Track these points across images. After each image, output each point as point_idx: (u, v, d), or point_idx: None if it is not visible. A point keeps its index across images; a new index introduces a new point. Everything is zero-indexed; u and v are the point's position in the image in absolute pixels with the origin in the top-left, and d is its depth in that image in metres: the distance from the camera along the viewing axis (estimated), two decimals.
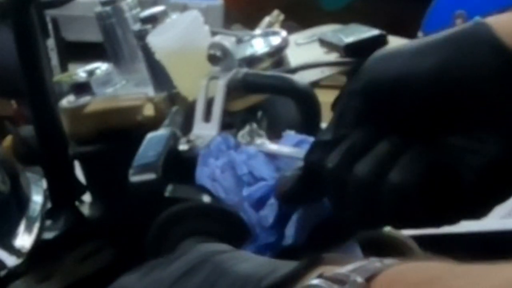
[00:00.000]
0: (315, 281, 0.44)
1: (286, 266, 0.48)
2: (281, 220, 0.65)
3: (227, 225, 0.65)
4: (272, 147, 0.71)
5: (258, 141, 0.73)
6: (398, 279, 0.43)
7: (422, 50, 0.55)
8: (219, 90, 0.77)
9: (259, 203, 0.65)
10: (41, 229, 0.89)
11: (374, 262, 0.45)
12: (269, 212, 0.65)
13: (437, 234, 1.04)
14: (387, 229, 0.86)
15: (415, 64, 0.55)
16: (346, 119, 0.57)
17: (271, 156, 0.69)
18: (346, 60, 0.95)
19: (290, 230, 0.65)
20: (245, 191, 0.66)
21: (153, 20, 0.92)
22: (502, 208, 1.64)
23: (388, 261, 0.45)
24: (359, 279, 0.43)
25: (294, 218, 0.65)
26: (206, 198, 0.68)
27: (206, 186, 0.68)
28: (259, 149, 0.70)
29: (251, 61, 0.86)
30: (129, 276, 0.56)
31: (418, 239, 0.92)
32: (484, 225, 1.11)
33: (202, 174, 0.68)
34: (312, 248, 0.65)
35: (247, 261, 0.51)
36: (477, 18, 0.56)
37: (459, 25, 0.56)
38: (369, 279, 0.43)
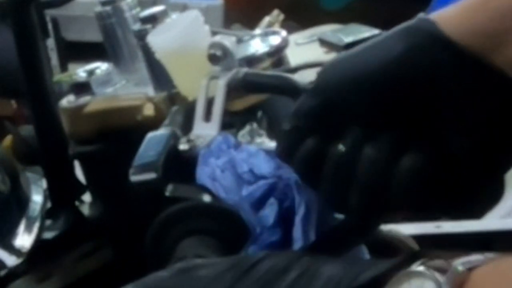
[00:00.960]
0: (418, 268, 0.46)
1: (377, 263, 0.49)
2: (283, 219, 0.65)
3: (227, 225, 0.65)
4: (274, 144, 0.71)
5: (259, 140, 0.74)
6: (498, 270, 0.44)
7: (370, 50, 0.57)
8: (219, 89, 0.77)
9: (259, 202, 0.65)
10: (41, 229, 0.89)
11: (476, 255, 0.46)
12: (270, 212, 0.65)
13: (437, 234, 1.04)
14: (388, 229, 0.86)
15: (362, 64, 0.56)
16: (301, 113, 0.58)
17: (273, 154, 0.69)
18: None
19: (297, 232, 0.64)
20: (245, 191, 0.66)
21: (153, 20, 0.92)
22: (502, 208, 1.65)
23: (489, 255, 0.46)
24: (461, 268, 0.45)
25: (298, 220, 0.65)
26: (206, 198, 0.68)
27: (207, 185, 0.68)
28: (261, 147, 0.70)
29: (251, 61, 0.86)
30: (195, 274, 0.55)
31: (418, 239, 0.92)
32: (484, 225, 1.11)
33: (203, 174, 0.68)
34: (322, 252, 0.65)
35: (329, 262, 0.52)
36: (421, 14, 0.57)
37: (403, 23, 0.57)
38: (470, 269, 0.45)
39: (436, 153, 0.54)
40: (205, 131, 0.73)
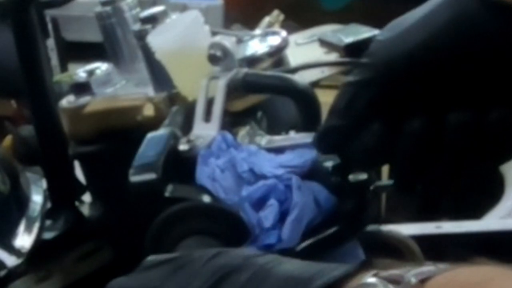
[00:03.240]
0: (371, 280, 0.45)
1: (332, 268, 0.49)
2: (281, 221, 0.65)
3: (227, 225, 0.65)
4: (277, 138, 0.71)
5: (259, 140, 0.73)
6: (452, 281, 0.44)
7: (418, 24, 0.56)
8: (219, 90, 0.77)
9: (259, 203, 0.65)
10: (41, 229, 0.89)
11: (429, 266, 0.46)
12: (269, 213, 0.64)
13: (437, 234, 1.04)
14: (388, 229, 0.86)
15: (413, 40, 0.55)
16: (357, 108, 0.57)
17: (275, 151, 0.69)
18: (346, 60, 0.95)
19: (285, 234, 0.64)
20: (245, 191, 0.66)
21: (153, 20, 0.92)
22: (502, 208, 1.64)
23: (442, 265, 0.46)
24: (413, 280, 0.44)
25: (289, 221, 0.65)
26: (206, 198, 0.67)
27: (206, 186, 0.68)
28: (267, 147, 0.70)
29: (251, 61, 0.86)
30: (150, 274, 0.55)
31: (418, 239, 0.92)
32: (484, 225, 1.11)
33: (202, 174, 0.68)
34: (308, 251, 0.65)
35: (286, 263, 0.52)
36: None
37: None
38: (423, 281, 0.44)
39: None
40: (205, 131, 0.73)
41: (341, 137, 0.59)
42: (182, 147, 0.73)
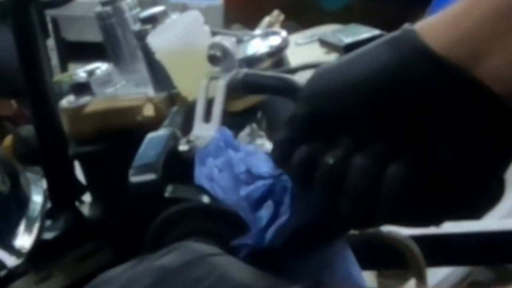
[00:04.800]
0: None
1: (282, 283, 0.49)
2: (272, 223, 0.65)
3: (226, 225, 0.65)
4: None
5: (259, 142, 0.73)
6: None
7: (356, 61, 0.57)
8: (219, 90, 0.77)
9: (258, 203, 0.65)
10: (41, 229, 0.89)
11: None
12: (264, 214, 0.64)
13: (437, 234, 1.04)
14: (387, 230, 0.86)
15: (348, 75, 0.56)
16: (294, 123, 0.59)
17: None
18: None
19: (269, 235, 0.64)
20: (243, 191, 0.65)
21: (153, 20, 0.92)
22: (502, 208, 1.64)
23: None
24: None
25: (277, 224, 0.64)
26: (205, 199, 0.67)
27: (204, 186, 0.68)
28: (261, 148, 0.70)
29: (251, 61, 0.86)
30: (114, 269, 0.57)
31: (418, 239, 0.92)
32: (484, 225, 1.11)
33: (200, 174, 0.68)
34: (291, 251, 0.65)
35: (241, 269, 0.53)
36: (406, 25, 0.57)
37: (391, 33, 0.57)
38: None
39: (423, 163, 0.54)
40: (205, 131, 0.73)
41: (283, 150, 0.60)
42: (182, 147, 0.72)
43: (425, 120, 0.54)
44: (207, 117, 0.75)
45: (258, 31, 0.95)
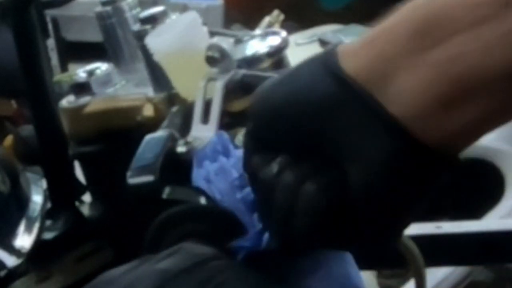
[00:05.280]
0: None
1: None
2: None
3: (223, 227, 0.65)
4: None
5: None
6: None
7: (284, 81, 0.57)
8: (217, 91, 0.77)
9: (254, 205, 0.65)
10: (41, 229, 0.89)
11: None
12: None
13: (437, 234, 1.04)
14: None
15: (276, 97, 0.56)
16: (246, 135, 0.60)
17: None
18: None
19: (265, 237, 0.64)
20: (239, 194, 0.66)
21: (153, 20, 0.92)
22: (502, 208, 1.64)
23: None
24: None
25: None
26: (203, 200, 0.67)
27: (202, 187, 0.68)
28: None
29: (251, 61, 0.86)
30: (115, 270, 0.57)
31: (418, 239, 0.92)
32: (484, 225, 1.11)
33: (198, 176, 0.68)
34: (288, 252, 0.65)
35: (241, 276, 0.54)
36: (331, 45, 0.56)
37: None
38: None
39: (334, 185, 0.54)
40: (203, 133, 0.73)
41: (244, 159, 0.60)
42: (180, 149, 0.72)
43: (334, 142, 0.53)
44: (205, 118, 0.75)
45: (258, 31, 0.95)
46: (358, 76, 0.52)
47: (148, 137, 0.76)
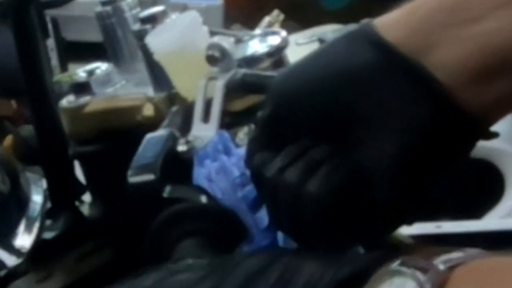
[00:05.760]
0: (398, 268, 0.45)
1: (360, 257, 0.49)
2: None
3: (225, 226, 0.65)
4: None
5: None
6: (481, 267, 0.44)
7: (313, 60, 0.57)
8: (217, 90, 0.77)
9: (255, 203, 0.65)
10: (41, 229, 0.89)
11: (457, 252, 0.46)
12: (265, 214, 0.64)
13: (437, 234, 1.04)
14: None
15: (305, 75, 0.56)
16: (259, 124, 0.59)
17: None
18: None
19: (280, 238, 0.64)
20: (240, 193, 0.66)
21: (153, 20, 0.92)
22: (502, 208, 1.64)
23: (470, 251, 0.46)
24: (442, 267, 0.44)
25: None
26: (204, 199, 0.67)
27: (203, 186, 0.68)
28: None
29: (251, 61, 0.86)
30: (141, 281, 0.55)
31: (418, 239, 0.92)
32: (484, 225, 1.11)
33: (199, 175, 0.68)
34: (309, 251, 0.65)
35: (311, 259, 0.52)
36: (365, 20, 0.57)
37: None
38: (452, 268, 0.45)
39: (348, 167, 0.54)
40: (204, 132, 0.73)
41: (249, 151, 0.60)
42: (181, 148, 0.72)
43: (370, 110, 0.53)
44: (206, 117, 0.75)
45: (258, 31, 0.95)
46: (399, 45, 0.53)
47: (149, 136, 0.76)
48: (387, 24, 0.54)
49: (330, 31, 1.03)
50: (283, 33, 0.92)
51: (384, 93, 0.53)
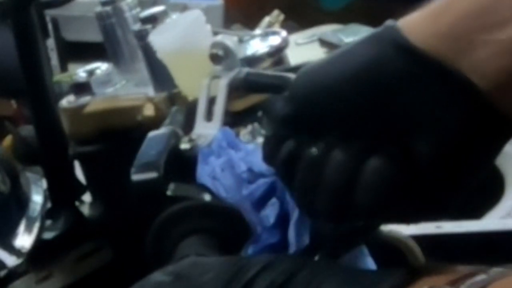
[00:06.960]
0: None
1: (380, 279, 0.49)
2: (283, 220, 0.65)
3: (228, 224, 0.65)
4: None
5: (260, 140, 0.73)
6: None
7: (339, 59, 0.57)
8: (221, 89, 0.77)
9: (260, 202, 0.65)
10: (41, 229, 0.89)
11: (481, 275, 0.46)
12: (271, 212, 0.64)
13: (437, 234, 1.04)
14: (388, 229, 0.86)
15: (331, 73, 0.56)
16: (280, 121, 0.59)
17: None
18: None
19: (291, 236, 0.64)
20: (245, 190, 0.65)
21: (153, 20, 0.92)
22: (502, 208, 1.63)
23: (494, 271, 0.46)
24: None
25: (292, 223, 0.64)
26: (207, 197, 0.67)
27: (207, 184, 0.67)
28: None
29: (251, 61, 0.86)
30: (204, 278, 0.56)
31: (418, 239, 0.92)
32: (484, 225, 1.11)
33: (203, 173, 0.68)
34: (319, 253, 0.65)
35: (331, 277, 0.53)
36: (388, 21, 0.57)
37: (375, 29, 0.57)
38: None
39: (402, 158, 0.54)
40: (207, 130, 0.73)
41: (270, 147, 0.60)
42: (184, 146, 0.72)
43: (404, 115, 0.54)
44: (209, 116, 0.75)
45: (258, 31, 0.95)
46: (430, 51, 0.53)
47: (151, 134, 0.76)
48: (414, 27, 0.54)
49: (330, 31, 1.03)
50: (283, 33, 0.92)
51: (417, 97, 0.53)
